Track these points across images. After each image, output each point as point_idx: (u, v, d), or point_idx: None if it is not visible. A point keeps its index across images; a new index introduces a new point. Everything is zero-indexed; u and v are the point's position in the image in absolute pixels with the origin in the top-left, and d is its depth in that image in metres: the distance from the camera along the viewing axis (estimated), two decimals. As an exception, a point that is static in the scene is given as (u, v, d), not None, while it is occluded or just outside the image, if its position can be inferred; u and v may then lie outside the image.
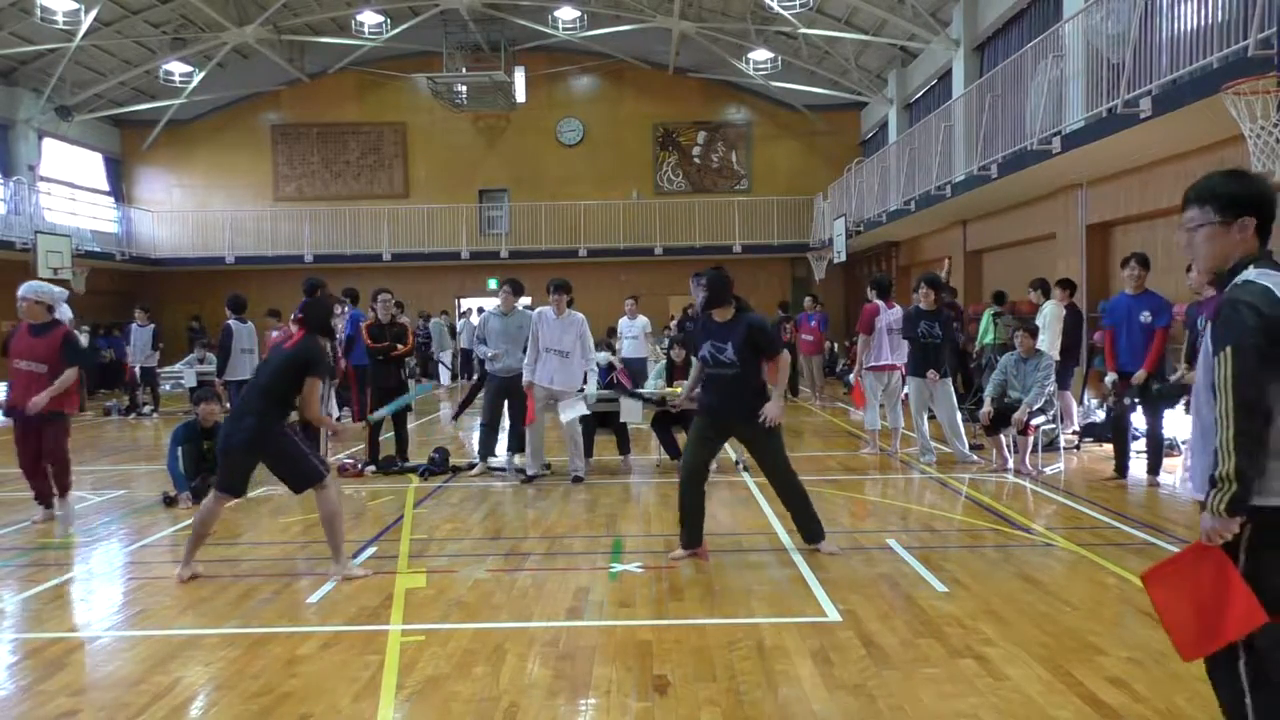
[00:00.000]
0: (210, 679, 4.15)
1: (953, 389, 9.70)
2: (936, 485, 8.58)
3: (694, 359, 6.51)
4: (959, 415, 9.70)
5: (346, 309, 11.84)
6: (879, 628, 4.63)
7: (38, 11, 19.35)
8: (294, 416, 5.80)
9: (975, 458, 9.58)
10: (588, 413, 8.82)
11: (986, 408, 8.95)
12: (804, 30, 21.28)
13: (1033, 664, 4.14)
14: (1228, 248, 2.74)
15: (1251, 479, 2.51)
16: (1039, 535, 6.57)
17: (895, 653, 4.30)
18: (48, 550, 6.66)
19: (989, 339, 12.89)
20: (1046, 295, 11.15)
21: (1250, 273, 2.65)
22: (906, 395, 10.09)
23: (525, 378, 8.63)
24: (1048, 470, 9.06)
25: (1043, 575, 5.52)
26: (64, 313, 7.53)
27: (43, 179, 22.64)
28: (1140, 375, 8.09)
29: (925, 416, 9.85)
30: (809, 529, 6.10)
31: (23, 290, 7.32)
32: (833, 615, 4.84)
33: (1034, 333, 9.37)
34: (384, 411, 7.23)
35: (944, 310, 9.89)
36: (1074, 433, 10.81)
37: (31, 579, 5.89)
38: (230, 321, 10.95)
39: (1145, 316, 8.16)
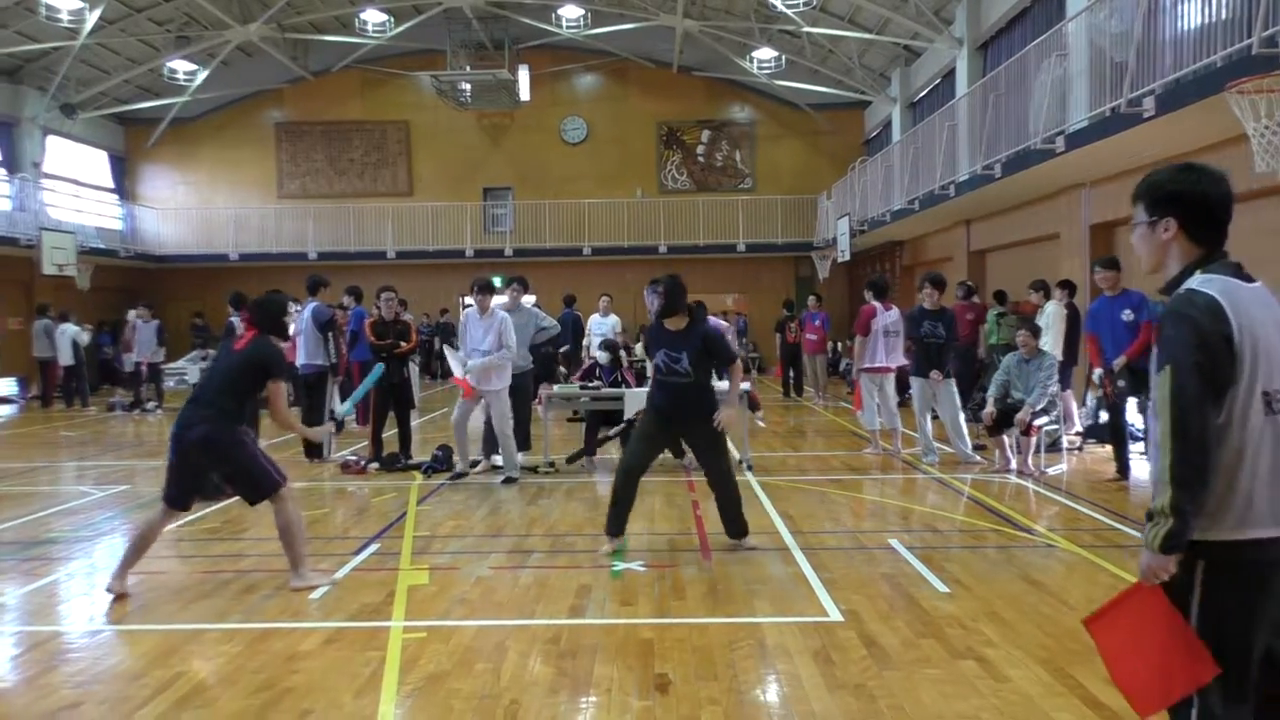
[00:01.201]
0: (212, 674, 4.16)
1: (955, 389, 9.69)
2: (939, 486, 8.58)
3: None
4: (962, 415, 9.69)
5: (350, 306, 11.91)
6: (880, 628, 4.63)
7: (42, 10, 19.34)
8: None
9: (978, 458, 9.56)
10: (462, 375, 8.72)
11: (989, 408, 8.94)
12: (807, 29, 21.26)
13: (1034, 665, 4.14)
14: (1155, 250, 2.53)
15: (1190, 514, 2.25)
16: (1041, 536, 6.56)
17: (896, 653, 4.30)
18: (51, 544, 6.68)
19: (993, 339, 12.88)
20: (1047, 296, 11.13)
21: (1196, 280, 2.40)
22: (907, 396, 10.08)
23: (456, 372, 8.74)
24: (1050, 471, 9.05)
25: (1044, 577, 5.52)
26: None
27: (47, 176, 22.68)
28: (1120, 361, 8.14)
29: (928, 417, 9.84)
30: (734, 526, 6.29)
31: None
32: (834, 615, 4.84)
33: (1037, 333, 9.35)
34: (347, 406, 6.68)
35: (947, 310, 9.88)
36: (1076, 434, 10.79)
37: (35, 573, 5.92)
38: (233, 318, 10.96)
39: (1127, 314, 8.22)
